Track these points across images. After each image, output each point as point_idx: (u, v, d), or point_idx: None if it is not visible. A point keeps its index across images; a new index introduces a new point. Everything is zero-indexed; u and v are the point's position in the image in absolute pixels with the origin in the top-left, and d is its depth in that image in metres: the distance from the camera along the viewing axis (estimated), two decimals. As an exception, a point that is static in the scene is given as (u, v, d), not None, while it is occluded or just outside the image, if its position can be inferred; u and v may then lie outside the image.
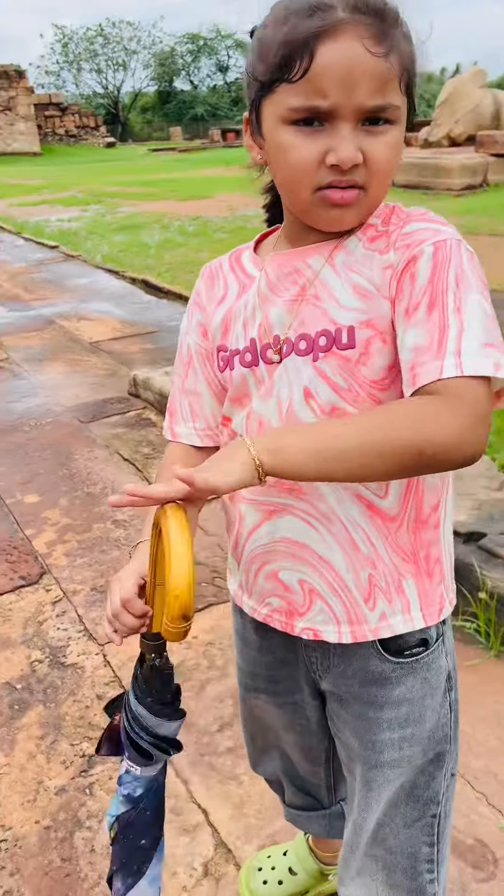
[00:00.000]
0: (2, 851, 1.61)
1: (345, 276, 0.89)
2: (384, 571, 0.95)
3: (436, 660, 1.01)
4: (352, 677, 1.02)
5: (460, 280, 0.81)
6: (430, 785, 1.04)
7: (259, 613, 1.05)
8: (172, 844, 1.61)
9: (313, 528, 0.94)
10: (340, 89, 0.78)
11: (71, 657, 2.19)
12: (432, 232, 0.85)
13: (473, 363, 0.77)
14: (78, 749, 1.86)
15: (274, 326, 0.93)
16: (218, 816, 1.68)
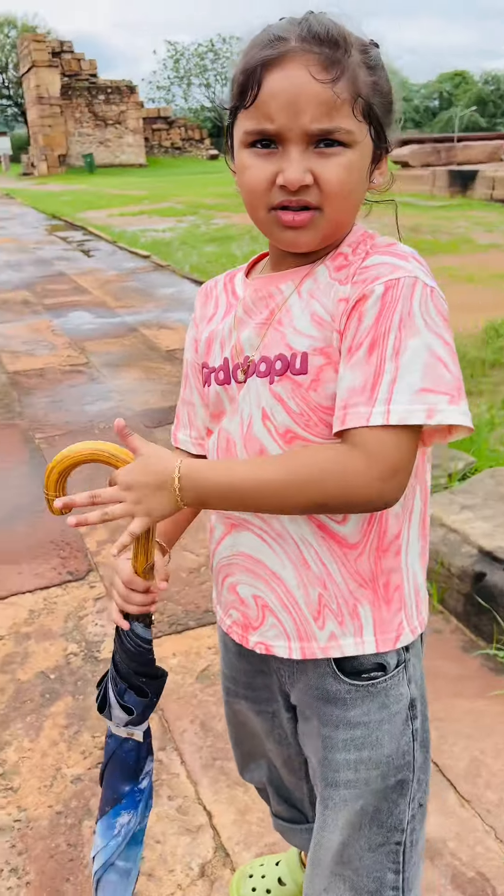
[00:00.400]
0: (14, 830, 1.70)
1: (306, 304, 0.92)
2: (335, 593, 0.96)
3: (395, 686, 1.00)
4: (310, 694, 1.03)
5: (404, 323, 0.82)
6: (394, 812, 1.04)
7: (224, 623, 1.09)
8: (174, 843, 1.66)
9: (267, 545, 0.98)
10: (286, 114, 0.83)
11: (104, 652, 2.27)
12: (389, 268, 0.86)
13: (402, 413, 0.80)
14: (98, 741, 1.93)
15: (245, 348, 0.97)
16: (221, 820, 1.71)
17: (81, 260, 9.99)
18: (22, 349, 5.68)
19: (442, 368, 0.82)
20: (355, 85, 0.83)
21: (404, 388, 0.80)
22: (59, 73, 36.17)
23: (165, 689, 2.09)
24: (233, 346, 0.98)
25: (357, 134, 0.85)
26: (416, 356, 0.81)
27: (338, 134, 0.84)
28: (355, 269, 0.88)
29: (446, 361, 0.83)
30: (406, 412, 0.80)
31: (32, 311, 6.98)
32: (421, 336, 0.82)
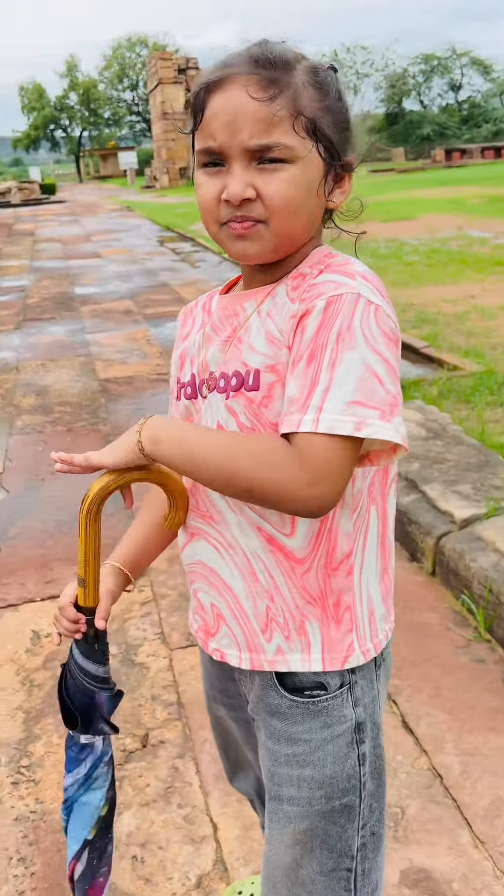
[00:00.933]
0: (29, 821, 1.77)
1: (262, 322, 0.94)
2: (282, 607, 0.97)
3: (338, 707, 0.99)
4: (258, 705, 1.04)
5: (342, 337, 0.83)
6: (342, 836, 1.03)
7: (192, 628, 1.11)
8: (176, 851, 1.68)
9: (220, 555, 1.00)
10: (226, 132, 0.86)
11: (141, 657, 2.33)
12: (334, 285, 0.87)
13: (330, 421, 0.81)
14: (120, 743, 1.99)
15: (210, 364, 1.00)
16: (225, 834, 1.71)
17: (186, 271, 10.26)
18: (116, 357, 5.90)
19: (376, 384, 0.83)
20: (296, 102, 0.85)
21: (336, 398, 0.81)
22: (183, 89, 37.38)
23: (192, 698, 2.14)
24: (200, 363, 1.02)
25: (299, 150, 0.87)
26: (350, 369, 0.82)
27: (277, 149, 0.86)
28: (307, 286, 0.90)
29: (382, 378, 0.83)
30: (334, 421, 0.81)
31: (133, 320, 7.24)
32: (358, 350, 0.83)
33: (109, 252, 12.68)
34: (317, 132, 0.87)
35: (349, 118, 0.91)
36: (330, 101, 0.88)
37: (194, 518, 1.03)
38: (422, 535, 2.71)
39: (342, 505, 0.93)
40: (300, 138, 0.86)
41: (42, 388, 5.16)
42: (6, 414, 4.66)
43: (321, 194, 0.91)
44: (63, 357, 5.99)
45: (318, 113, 0.87)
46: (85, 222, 19.19)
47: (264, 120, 0.84)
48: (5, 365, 5.84)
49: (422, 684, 2.14)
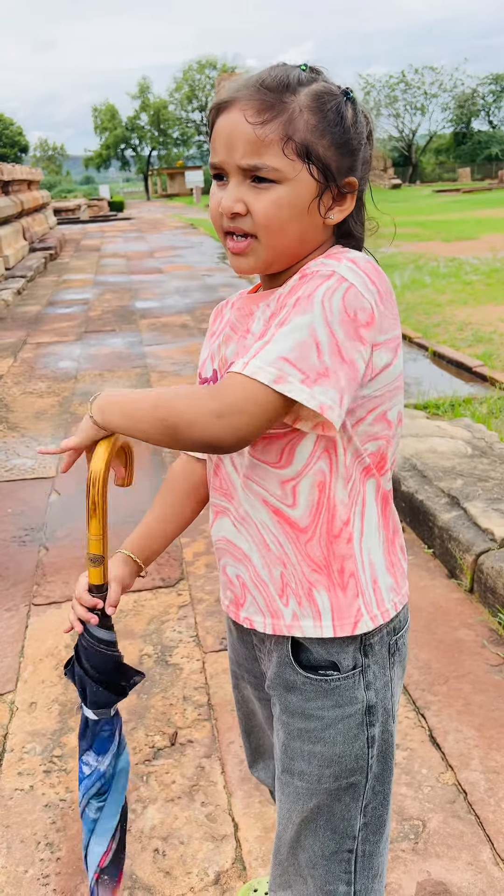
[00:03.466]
0: (58, 808, 1.83)
1: (262, 313, 1.00)
2: (293, 573, 1.02)
3: (350, 688, 1.03)
4: (275, 681, 1.08)
5: (300, 302, 0.89)
6: (346, 816, 1.07)
7: (223, 604, 1.17)
8: (196, 847, 1.71)
9: (237, 529, 1.07)
10: (224, 150, 0.94)
11: (175, 658, 2.38)
12: (317, 265, 0.93)
13: (254, 367, 0.86)
14: (150, 740, 2.03)
15: (228, 360, 1.05)
16: (246, 834, 1.74)
17: (244, 287, 10.35)
18: (170, 369, 6.03)
19: (313, 351, 0.86)
20: (289, 126, 0.91)
21: (270, 350, 0.86)
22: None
23: (223, 699, 2.18)
24: (220, 359, 1.08)
25: (286, 171, 0.92)
26: (294, 330, 0.87)
27: (265, 171, 0.92)
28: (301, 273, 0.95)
29: (322, 348, 0.86)
30: (258, 368, 0.85)
31: (189, 334, 7.38)
32: (308, 316, 0.87)
33: (171, 268, 12.93)
34: (309, 155, 0.92)
35: (353, 141, 0.95)
36: (328, 125, 0.92)
37: (219, 497, 1.09)
38: (461, 552, 2.69)
39: (336, 475, 0.97)
40: (289, 161, 0.91)
41: (98, 397, 5.31)
42: (62, 420, 4.82)
43: (314, 212, 0.95)
44: (120, 368, 6.15)
45: (313, 136, 0.92)
46: (149, 239, 19.62)
47: (255, 142, 0.91)
48: (65, 374, 6.02)
49: (452, 700, 2.13)
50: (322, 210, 0.95)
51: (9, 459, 4.17)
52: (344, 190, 0.96)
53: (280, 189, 0.93)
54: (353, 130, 0.95)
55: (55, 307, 9.37)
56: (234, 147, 0.92)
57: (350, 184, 0.96)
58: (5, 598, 2.80)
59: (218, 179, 0.98)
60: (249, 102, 0.91)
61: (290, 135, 0.90)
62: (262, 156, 0.91)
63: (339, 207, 0.97)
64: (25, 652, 2.46)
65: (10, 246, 12.62)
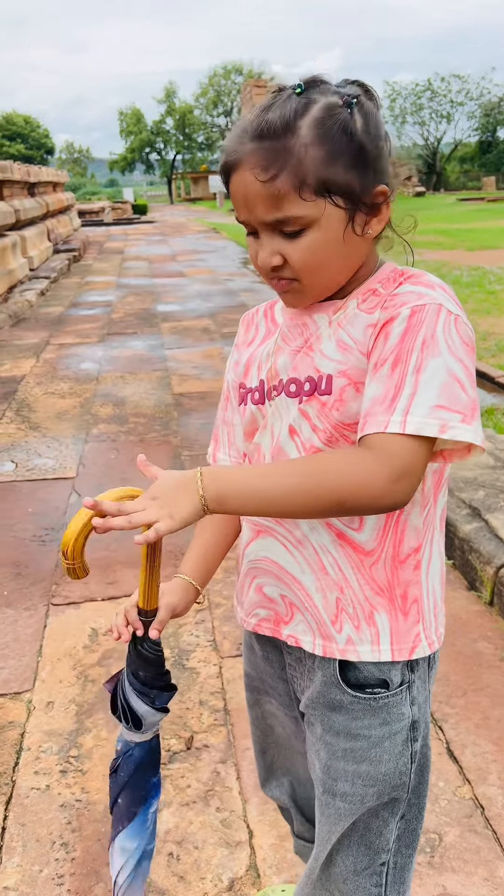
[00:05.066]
0: (74, 809, 1.84)
1: (334, 332, 0.99)
2: (352, 598, 1.01)
3: (397, 705, 1.03)
4: (317, 700, 1.07)
5: (427, 344, 0.88)
6: (383, 831, 1.07)
7: (248, 623, 1.15)
8: (210, 853, 1.71)
9: (288, 551, 1.05)
10: (244, 209, 0.95)
11: (192, 662, 2.38)
12: (416, 296, 0.92)
13: (417, 424, 0.86)
14: (166, 744, 2.04)
15: (280, 371, 1.05)
16: (261, 841, 1.73)
17: (266, 292, 10.39)
18: (191, 373, 6.05)
19: (458, 389, 0.88)
20: (299, 171, 0.88)
21: (422, 402, 0.86)
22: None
23: (239, 705, 2.17)
24: (269, 370, 1.07)
25: (311, 214, 0.91)
26: (435, 375, 0.87)
27: (290, 222, 0.92)
28: (385, 297, 0.95)
29: (463, 383, 0.88)
30: (421, 423, 0.86)
31: (210, 338, 7.40)
32: (442, 357, 0.88)
33: (193, 272, 12.98)
34: (328, 189, 0.90)
35: (370, 150, 0.92)
36: (338, 148, 0.89)
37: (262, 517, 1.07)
38: (482, 564, 2.67)
39: (413, 502, 0.98)
40: (310, 203, 0.90)
41: (119, 399, 5.34)
42: (84, 422, 4.85)
43: (351, 237, 0.94)
44: (141, 370, 6.18)
45: (326, 168, 0.89)
46: (172, 242, 19.71)
47: (271, 198, 0.90)
48: (87, 375, 6.06)
49: (470, 713, 2.11)
50: (359, 230, 0.95)
51: (30, 459, 4.20)
52: (376, 202, 0.95)
53: (311, 234, 0.92)
54: (368, 139, 0.91)
55: (78, 308, 9.43)
56: (254, 206, 0.93)
57: (382, 193, 0.95)
58: (24, 597, 2.82)
59: (250, 234, 0.98)
60: (254, 159, 0.90)
61: (302, 179, 0.89)
62: (281, 209, 0.91)
63: (375, 219, 0.96)
64: (44, 651, 2.47)
65: (34, 247, 12.74)
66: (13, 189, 12.42)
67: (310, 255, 0.94)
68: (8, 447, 4.41)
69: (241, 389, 1.13)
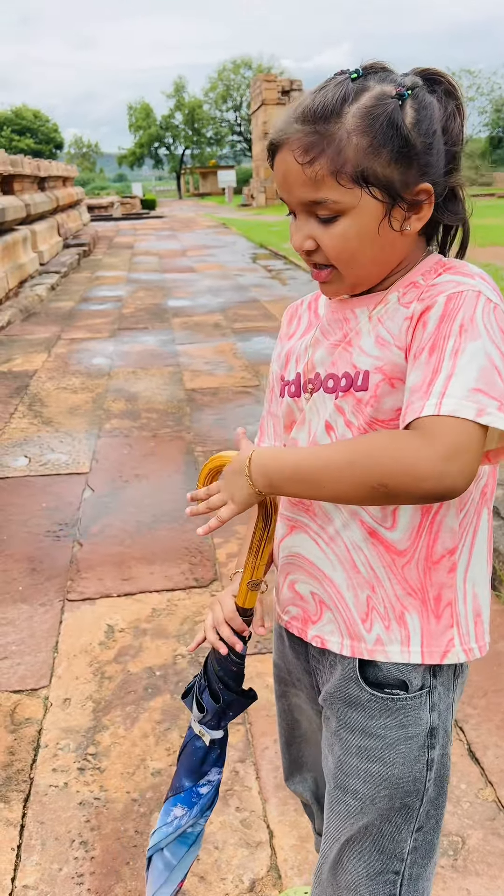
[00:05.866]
0: (92, 807, 1.83)
1: (373, 327, 0.97)
2: (383, 597, 0.99)
3: (416, 708, 1.01)
4: (335, 696, 1.06)
5: (465, 328, 0.85)
6: (396, 837, 1.04)
7: (282, 619, 1.14)
8: (231, 853, 1.69)
9: (320, 548, 1.04)
10: (284, 189, 0.95)
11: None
12: (454, 284, 0.89)
13: (453, 405, 0.82)
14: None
15: (317, 365, 1.04)
16: (281, 842, 1.72)
17: (276, 288, 10.37)
18: (203, 369, 6.03)
19: (496, 376, 0.84)
20: (339, 157, 0.88)
21: (459, 384, 0.82)
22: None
23: (257, 704, 2.15)
24: (306, 363, 1.06)
25: (346, 201, 0.90)
26: (473, 358, 0.84)
27: (326, 205, 0.91)
28: (424, 289, 0.92)
29: (501, 371, 0.85)
30: (458, 405, 0.81)
31: (221, 333, 7.38)
32: (481, 340, 0.85)
33: (203, 267, 12.96)
34: (367, 179, 0.89)
35: (416, 146, 0.90)
36: (382, 141, 0.88)
37: (296, 511, 1.06)
38: (501, 564, 2.65)
39: (449, 502, 0.95)
40: (347, 190, 0.89)
41: (131, 395, 5.33)
42: (96, 417, 4.84)
43: (386, 231, 0.92)
44: (153, 366, 6.16)
45: (367, 159, 0.88)
46: (182, 237, 19.69)
47: (308, 181, 0.90)
48: (98, 371, 6.05)
49: (491, 714, 2.09)
50: (396, 225, 0.92)
51: (43, 454, 4.20)
52: (418, 199, 0.92)
53: (344, 221, 0.91)
54: (415, 134, 0.89)
55: (88, 303, 9.42)
56: (292, 186, 0.93)
57: (425, 191, 0.92)
58: (40, 592, 2.81)
59: (291, 215, 0.98)
60: (296, 142, 0.90)
61: (341, 165, 0.88)
62: (318, 191, 0.90)
63: (415, 216, 0.94)
64: (59, 648, 2.46)
65: (45, 241, 12.73)
66: (24, 183, 12.41)
67: (342, 243, 0.92)
68: (21, 442, 4.40)
69: (280, 381, 1.13)
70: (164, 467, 3.97)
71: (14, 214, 10.40)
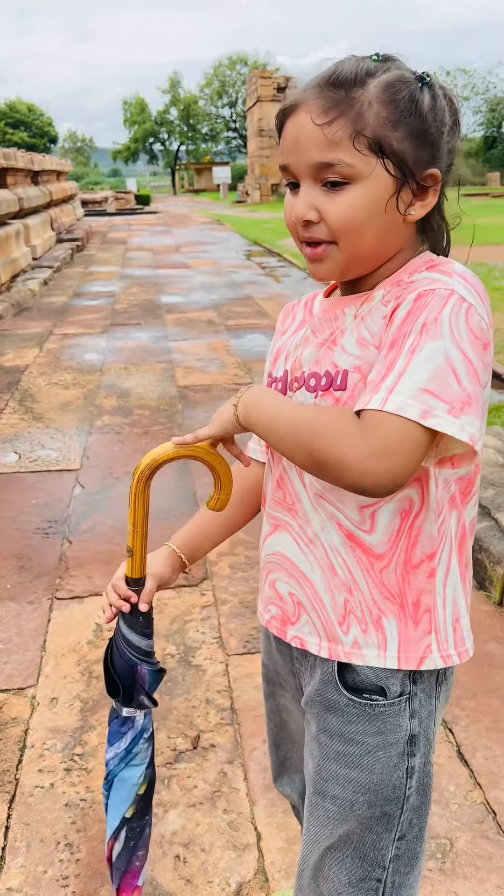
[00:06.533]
0: (78, 808, 1.81)
1: (356, 326, 0.95)
2: (360, 600, 0.98)
3: (394, 715, 0.99)
4: (315, 699, 1.04)
5: (427, 327, 0.83)
6: (377, 846, 1.03)
7: (263, 618, 1.13)
8: (218, 855, 1.68)
9: (299, 548, 1.02)
10: (293, 152, 0.91)
11: (198, 659, 2.35)
12: (429, 282, 0.87)
13: (398, 402, 0.81)
14: (171, 742, 2.01)
15: (304, 363, 1.02)
16: (269, 844, 1.70)
17: (270, 285, 10.35)
18: (196, 365, 6.00)
19: (451, 378, 0.82)
20: (358, 122, 0.86)
21: (409, 382, 0.81)
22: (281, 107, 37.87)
23: (246, 705, 2.14)
24: (294, 361, 1.04)
25: (360, 168, 0.88)
26: (429, 358, 0.82)
27: (338, 167, 0.87)
28: (404, 286, 0.91)
29: (459, 374, 0.82)
30: (402, 403, 0.80)
31: (214, 330, 7.35)
32: (440, 342, 0.82)
33: (197, 263, 12.92)
34: (382, 149, 0.87)
35: (431, 130, 0.89)
36: (401, 115, 0.87)
37: (279, 510, 1.05)
38: (492, 564, 2.64)
39: (426, 507, 0.94)
40: (363, 156, 0.87)
41: (123, 391, 5.30)
42: (88, 413, 4.81)
43: (392, 211, 0.91)
44: (145, 362, 6.13)
45: (385, 129, 0.87)
46: (176, 233, 19.63)
47: (323, 142, 0.88)
48: (91, 366, 6.02)
49: (481, 715, 2.08)
50: (402, 207, 0.91)
51: (34, 450, 4.17)
52: (425, 184, 0.91)
53: (354, 189, 0.88)
54: (432, 118, 0.89)
55: (81, 299, 9.38)
56: (303, 149, 0.89)
57: (432, 176, 0.91)
58: (28, 590, 2.78)
59: (292, 187, 0.94)
60: (315, 103, 0.87)
61: (359, 129, 0.86)
62: (333, 152, 0.87)
63: (420, 203, 0.92)
64: (47, 646, 2.44)
65: (38, 236, 12.66)
66: (17, 177, 12.33)
67: (350, 212, 0.89)
68: (11, 438, 4.37)
69: (268, 378, 1.11)
70: (156, 464, 3.94)
71: (7, 208, 10.33)
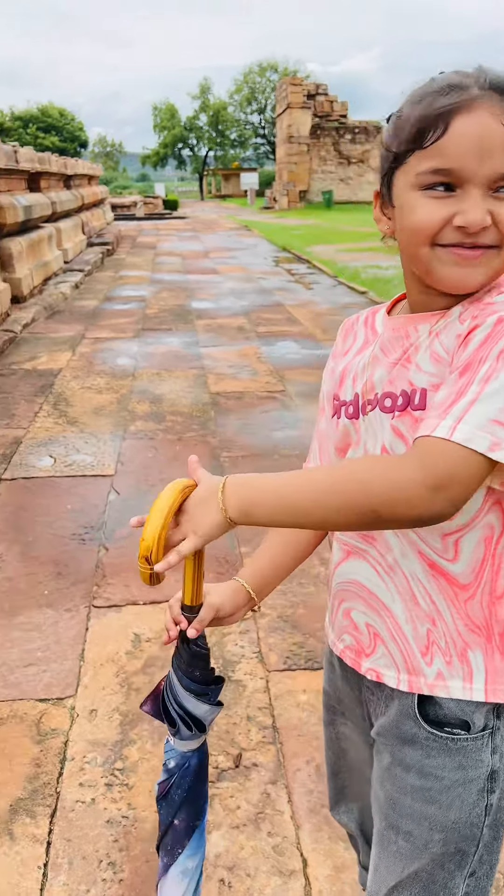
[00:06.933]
0: (120, 826, 1.78)
1: (431, 342, 0.92)
2: (445, 631, 0.95)
3: (477, 750, 0.95)
4: (390, 731, 1.01)
5: (503, 355, 0.80)
6: (448, 884, 0.99)
7: (336, 647, 1.09)
8: (263, 881, 1.64)
9: (379, 576, 0.99)
10: (472, 157, 0.83)
11: (238, 674, 2.31)
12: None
13: (467, 433, 0.78)
14: (213, 760, 1.97)
15: (376, 385, 0.98)
16: (316, 872, 1.66)
17: (300, 292, 10.31)
18: (227, 372, 5.98)
19: None
20: None
21: (479, 412, 0.78)
22: (310, 114, 37.87)
23: (288, 723, 2.10)
24: (364, 383, 1.00)
25: None
26: (502, 388, 0.79)
27: None
28: (482, 305, 0.87)
29: None
30: (471, 434, 0.78)
31: (245, 337, 7.33)
32: None
33: (226, 269, 12.92)
34: None
35: None
36: None
37: (353, 537, 1.01)
38: None
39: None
40: None
41: (156, 397, 5.29)
42: (121, 418, 4.80)
43: None
44: (177, 368, 6.12)
45: None
46: (204, 239, 19.67)
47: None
48: (123, 371, 6.02)
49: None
50: None
51: (68, 455, 4.16)
52: None
53: None
54: None
55: (112, 303, 9.41)
56: (490, 153, 0.83)
57: None
58: (65, 597, 2.76)
59: (438, 189, 0.86)
60: (499, 105, 0.83)
61: None
62: None
63: None
64: (86, 656, 2.41)
65: (69, 240, 12.75)
66: (50, 181, 12.44)
67: None
68: (46, 441, 4.37)
69: (335, 401, 1.07)
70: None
71: (40, 212, 10.41)
